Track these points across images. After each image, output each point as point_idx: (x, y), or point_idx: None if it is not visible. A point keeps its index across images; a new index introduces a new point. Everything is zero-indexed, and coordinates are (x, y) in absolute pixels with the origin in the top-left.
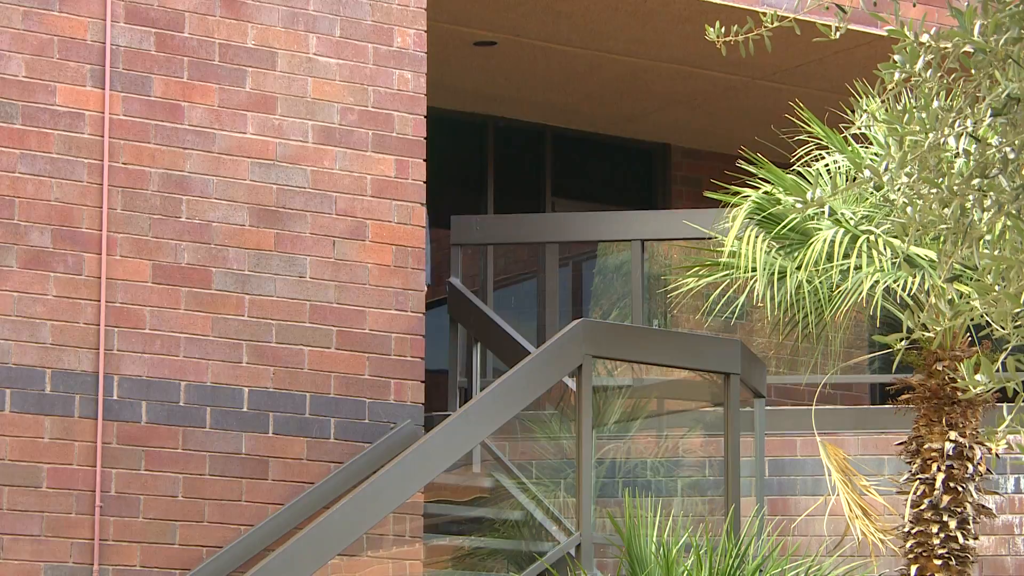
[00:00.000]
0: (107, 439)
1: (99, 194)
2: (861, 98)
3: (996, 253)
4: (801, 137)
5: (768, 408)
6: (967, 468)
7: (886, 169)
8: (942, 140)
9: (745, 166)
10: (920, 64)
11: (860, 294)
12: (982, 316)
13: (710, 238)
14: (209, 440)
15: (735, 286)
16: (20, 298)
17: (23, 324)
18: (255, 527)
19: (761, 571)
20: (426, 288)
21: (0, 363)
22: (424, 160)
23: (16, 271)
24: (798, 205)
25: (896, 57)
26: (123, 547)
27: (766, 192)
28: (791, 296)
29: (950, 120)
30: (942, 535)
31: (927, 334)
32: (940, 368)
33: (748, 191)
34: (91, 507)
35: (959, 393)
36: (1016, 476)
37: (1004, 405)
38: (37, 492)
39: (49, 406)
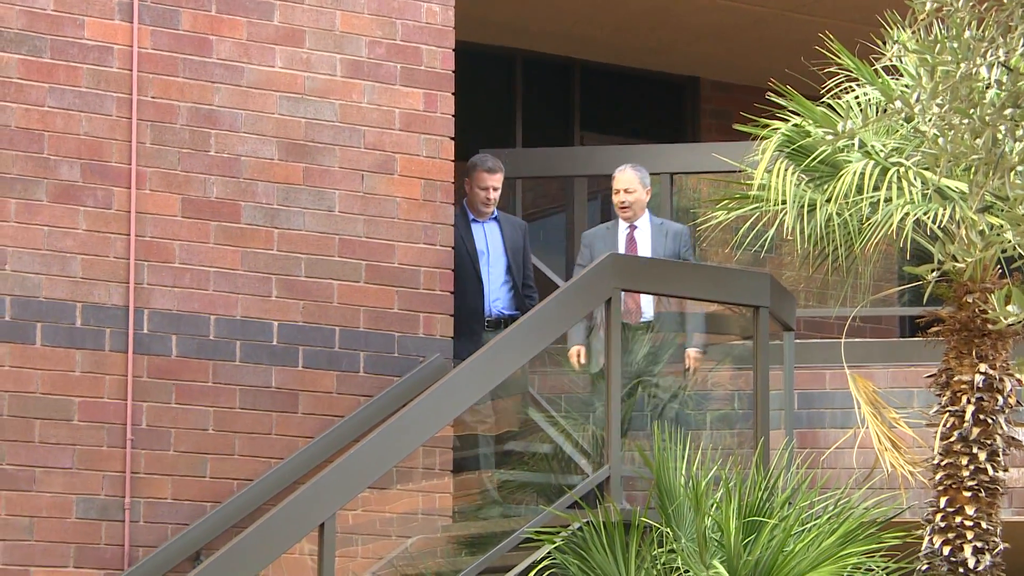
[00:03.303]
0: (138, 372)
1: (128, 128)
2: (892, 29)
3: None
4: (831, 69)
5: (797, 341)
6: (997, 400)
7: (917, 100)
8: (974, 70)
9: (775, 99)
10: None
11: (890, 226)
12: (1013, 247)
13: (740, 171)
14: (239, 374)
15: (765, 219)
16: (50, 232)
17: (53, 258)
18: (285, 460)
19: (790, 503)
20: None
21: (31, 297)
22: (452, 94)
23: (46, 205)
24: (828, 137)
25: None
26: (154, 480)
27: (796, 125)
28: (821, 229)
29: (982, 50)
30: (971, 467)
31: (958, 265)
32: (970, 300)
33: (778, 124)
34: (122, 440)
35: (989, 325)
36: None
37: None
38: (69, 425)
39: (80, 340)
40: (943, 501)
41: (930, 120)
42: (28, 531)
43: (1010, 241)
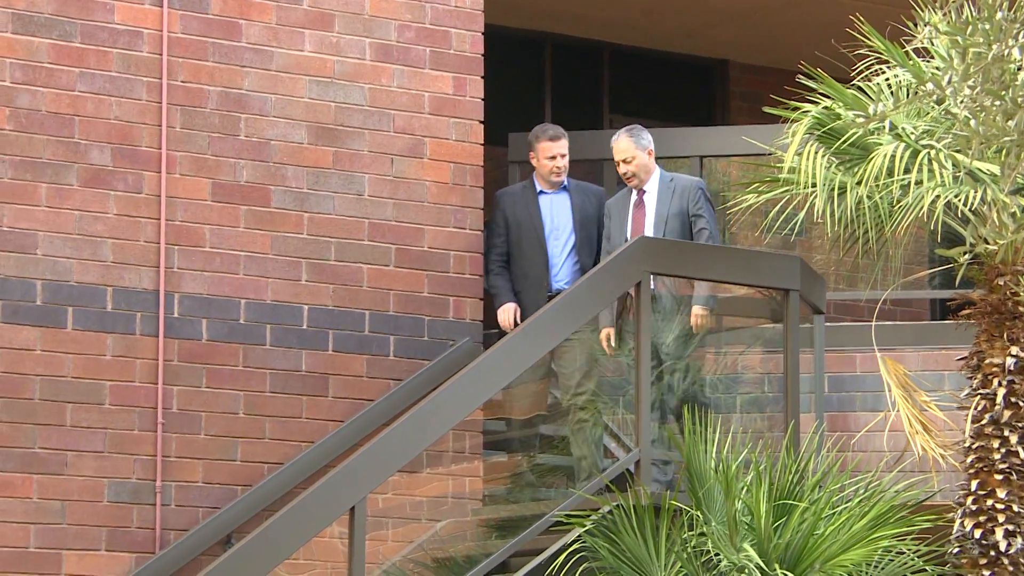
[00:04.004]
0: (168, 356)
1: (158, 112)
2: (923, 10)
3: None
4: (861, 51)
5: (828, 324)
6: None
7: (949, 82)
8: (1005, 52)
9: (805, 81)
10: None
11: (921, 209)
12: None
13: (769, 154)
14: (269, 357)
15: (794, 202)
16: (81, 216)
17: (84, 242)
18: (315, 444)
19: (821, 487)
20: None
21: (62, 281)
22: (482, 77)
23: (77, 189)
24: (859, 120)
25: None
26: (185, 463)
27: (826, 107)
28: (851, 212)
29: (1014, 31)
30: (1003, 450)
31: (989, 248)
32: (1002, 283)
33: (808, 106)
34: (153, 424)
35: (1021, 307)
36: None
37: None
38: (100, 409)
39: (111, 324)
40: (974, 484)
41: (962, 102)
42: (60, 514)
43: None
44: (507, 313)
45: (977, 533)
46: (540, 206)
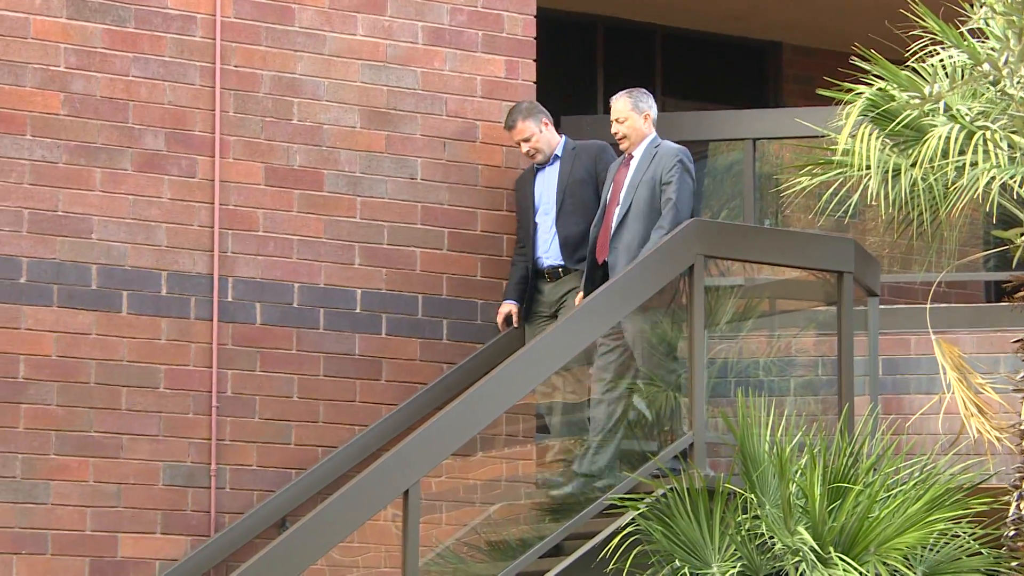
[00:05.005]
0: (223, 340)
1: (211, 97)
2: None
3: None
4: (915, 32)
5: (882, 307)
6: None
7: (1005, 63)
8: None
9: (858, 63)
10: None
11: (976, 190)
12: None
13: (823, 136)
14: (323, 341)
15: (848, 184)
16: (136, 201)
17: (139, 227)
18: (369, 427)
19: (875, 470)
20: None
21: (117, 265)
22: (534, 60)
23: (131, 174)
24: (914, 101)
25: None
26: (239, 447)
27: (880, 89)
28: (905, 194)
29: None
30: None
31: None
32: None
33: (861, 88)
34: (208, 407)
35: None
36: None
37: None
38: (155, 393)
39: (165, 308)
40: None
41: (1018, 82)
42: (116, 498)
43: None
44: (500, 315)
45: None
46: (535, 185)
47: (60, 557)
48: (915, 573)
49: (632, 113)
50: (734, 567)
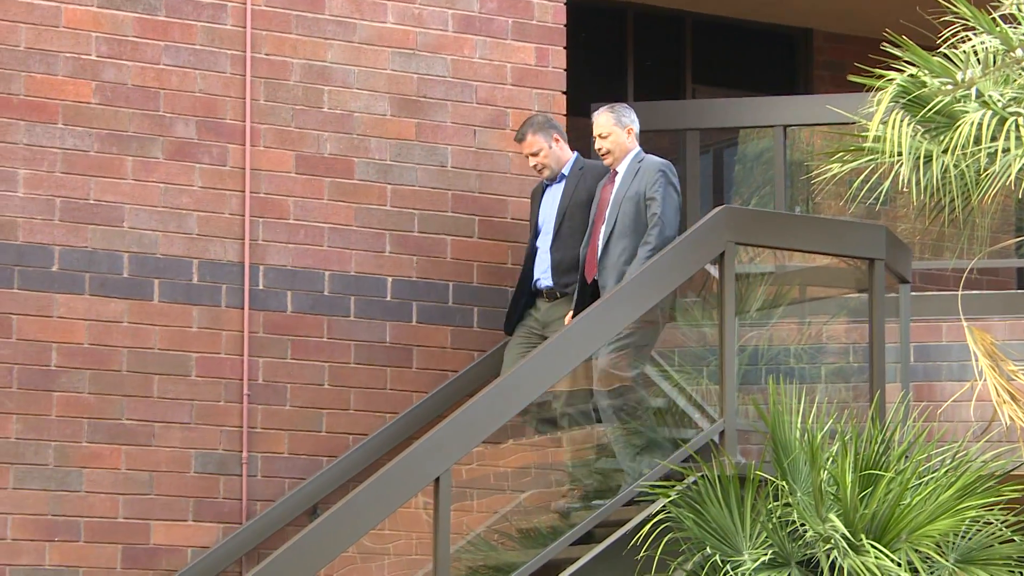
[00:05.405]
0: (254, 328)
1: (242, 85)
2: None
3: None
4: (947, 18)
5: (913, 294)
6: None
7: None
8: None
9: (889, 49)
10: None
11: (1008, 177)
12: None
13: (854, 123)
14: (354, 329)
15: (879, 171)
16: (167, 189)
17: (170, 215)
18: (400, 415)
19: (907, 457)
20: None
21: (148, 253)
22: (564, 48)
23: (162, 162)
24: (946, 87)
25: None
26: (271, 435)
27: (911, 75)
28: (937, 180)
29: None
30: None
31: None
32: None
33: (893, 74)
34: (239, 395)
35: None
36: None
37: None
38: (186, 380)
39: (197, 296)
40: None
41: None
42: (148, 485)
43: None
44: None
45: None
46: (542, 202)
47: (92, 544)
48: (947, 560)
49: (615, 128)
50: (765, 554)
